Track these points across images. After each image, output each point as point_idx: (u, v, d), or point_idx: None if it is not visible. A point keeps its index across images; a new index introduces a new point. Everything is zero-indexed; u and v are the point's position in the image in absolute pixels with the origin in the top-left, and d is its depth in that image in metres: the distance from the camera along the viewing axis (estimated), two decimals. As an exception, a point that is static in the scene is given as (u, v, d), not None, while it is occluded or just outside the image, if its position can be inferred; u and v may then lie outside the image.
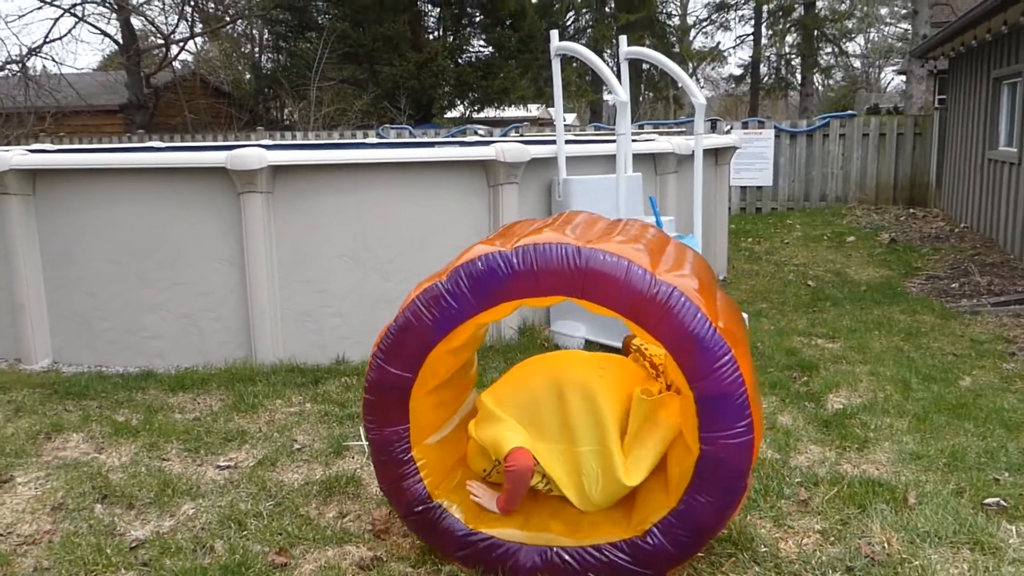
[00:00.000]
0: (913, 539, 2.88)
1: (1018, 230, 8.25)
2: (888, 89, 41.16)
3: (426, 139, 13.74)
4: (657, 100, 33.37)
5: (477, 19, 24.62)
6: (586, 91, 28.05)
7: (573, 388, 2.77)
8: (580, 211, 2.91)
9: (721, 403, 2.39)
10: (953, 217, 11.29)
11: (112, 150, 7.16)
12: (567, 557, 2.67)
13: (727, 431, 2.40)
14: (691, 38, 31.69)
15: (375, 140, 12.44)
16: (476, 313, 2.56)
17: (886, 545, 2.85)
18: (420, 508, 2.78)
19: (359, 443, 3.85)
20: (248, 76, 25.44)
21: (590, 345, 5.31)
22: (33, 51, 20.37)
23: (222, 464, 3.67)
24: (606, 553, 2.63)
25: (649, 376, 2.95)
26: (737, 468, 2.43)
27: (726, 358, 2.37)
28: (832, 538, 2.93)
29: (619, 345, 5.06)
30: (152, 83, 22.71)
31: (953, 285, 7.40)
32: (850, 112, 15.36)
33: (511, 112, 28.06)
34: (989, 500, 3.14)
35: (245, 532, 3.06)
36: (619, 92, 5.22)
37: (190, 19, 23.23)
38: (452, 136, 14.80)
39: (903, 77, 18.70)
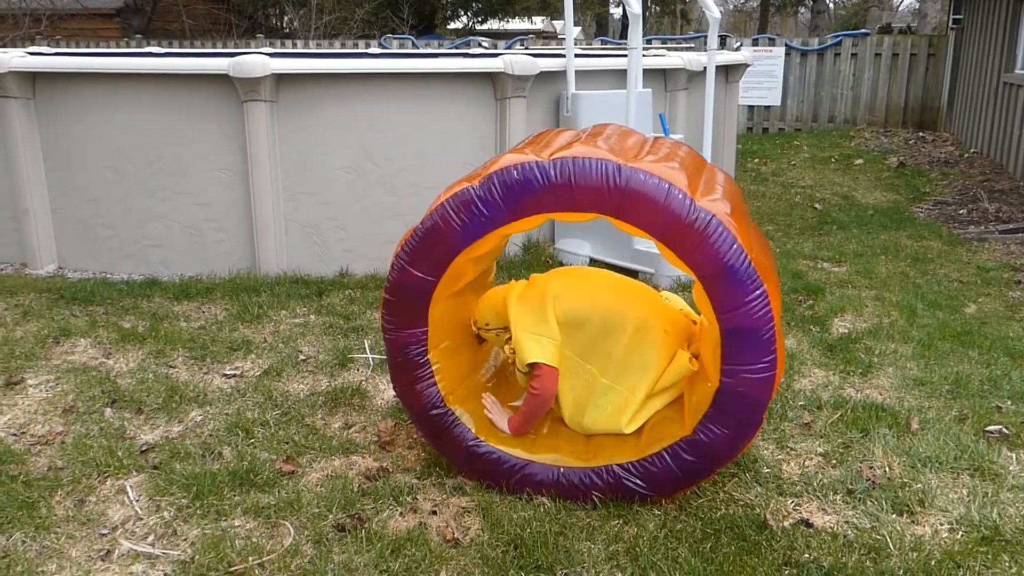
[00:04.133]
0: (914, 464, 2.92)
1: (1030, 157, 8.14)
2: (901, 8, 40.07)
3: (429, 50, 13.41)
4: (664, 14, 32.49)
5: (482, -76, 23.76)
6: (593, 4, 27.27)
7: (637, 329, 2.74)
8: (609, 124, 2.82)
9: (748, 337, 2.36)
10: (963, 142, 11.13)
11: (112, 54, 6.98)
12: (573, 478, 2.70)
13: (751, 365, 2.39)
14: (703, -51, 30.62)
15: (378, 50, 12.14)
16: (506, 223, 2.49)
17: (887, 469, 2.89)
18: (433, 412, 2.77)
19: (364, 356, 3.86)
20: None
21: (594, 263, 5.29)
22: (26, -51, 19.67)
23: (228, 373, 3.70)
24: (614, 474, 2.67)
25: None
26: (756, 402, 2.44)
27: (758, 292, 2.33)
28: (834, 461, 2.97)
29: (624, 264, 5.05)
30: (150, -15, 22.01)
31: (961, 211, 7.35)
32: (863, 31, 14.98)
33: (515, 24, 27.38)
34: (991, 427, 3.18)
35: (252, 440, 3.10)
36: (632, 4, 5.05)
37: (186, -83, 22.35)
38: (456, 48, 14.45)
39: (920, -4, 18.17)
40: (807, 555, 2.45)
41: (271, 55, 5.10)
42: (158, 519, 2.61)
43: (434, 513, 2.68)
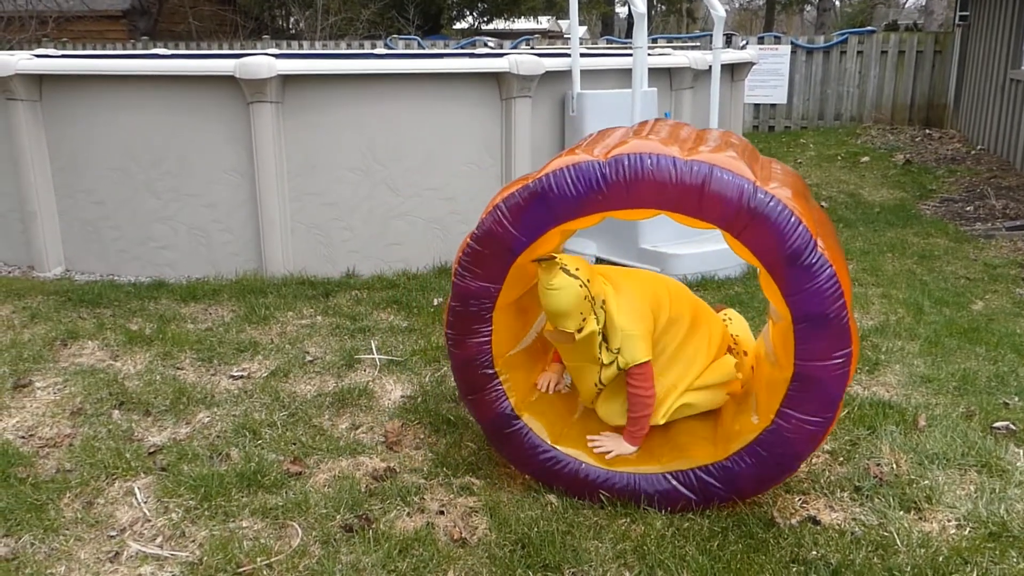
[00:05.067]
0: (921, 460, 2.91)
1: (1037, 154, 8.10)
2: (907, 5, 39.93)
3: (435, 51, 13.42)
4: (670, 13, 32.45)
5: (487, -75, 23.76)
6: (598, 3, 27.23)
7: (691, 325, 2.79)
8: (659, 119, 2.81)
9: (819, 389, 2.33)
10: (970, 139, 11.09)
11: (118, 57, 7.01)
12: (591, 473, 2.70)
13: (810, 416, 2.37)
14: (708, -52, 30.58)
15: (383, 51, 12.16)
16: (621, 208, 2.43)
17: (894, 466, 2.89)
18: (479, 370, 2.72)
19: (371, 356, 3.87)
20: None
21: (601, 263, 5.28)
22: (32, -48, 19.74)
23: (235, 374, 3.71)
24: (632, 479, 2.67)
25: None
26: (800, 452, 2.44)
27: (844, 351, 2.30)
28: (841, 458, 2.96)
29: (629, 264, 5.05)
30: (155, -13, 22.09)
31: (968, 208, 7.32)
32: (869, 28, 14.93)
33: (520, 24, 27.38)
34: (998, 424, 3.17)
35: (260, 441, 3.11)
36: (637, 3, 5.05)
37: (192, -80, 22.42)
38: (461, 48, 14.46)
39: (926, -8, 18.11)
40: (815, 552, 2.44)
41: (277, 56, 5.12)
42: (166, 521, 2.62)
43: (441, 513, 2.68)
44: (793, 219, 2.28)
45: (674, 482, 2.63)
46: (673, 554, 2.43)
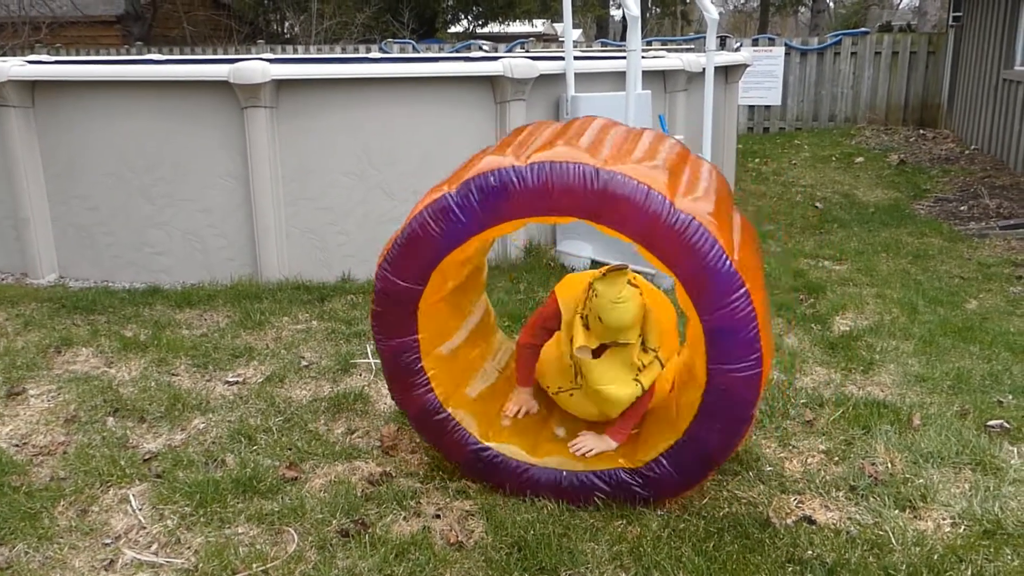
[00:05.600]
0: (916, 459, 2.92)
1: (1030, 153, 8.13)
2: (901, 6, 40.04)
3: (430, 54, 13.43)
4: (664, 16, 32.50)
5: (481, -72, 23.77)
6: (593, 6, 27.28)
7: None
8: (593, 117, 2.81)
9: (731, 337, 2.36)
10: (963, 139, 11.11)
11: (111, 62, 7.01)
12: (575, 480, 2.71)
13: (736, 364, 2.39)
14: (702, -50, 30.61)
15: (378, 55, 12.16)
16: (485, 229, 2.51)
17: (889, 465, 2.89)
18: (431, 418, 2.78)
19: (367, 360, 3.87)
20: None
21: (596, 265, 5.29)
22: (25, -42, 19.73)
23: (231, 380, 3.70)
24: (614, 477, 2.67)
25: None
26: (744, 400, 2.44)
27: (740, 292, 2.33)
28: (836, 458, 2.97)
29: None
30: (149, -7, 22.08)
31: (962, 208, 7.34)
32: (863, 30, 14.96)
33: (516, 28, 27.40)
34: (992, 422, 3.18)
35: (255, 447, 3.11)
36: (630, 6, 5.07)
37: (185, -75, 22.42)
38: (456, 52, 14.46)
39: (919, -7, 18.16)
40: (810, 552, 2.44)
41: (271, 61, 5.12)
42: (161, 528, 2.61)
43: (438, 517, 2.68)
44: (706, 235, 2.31)
45: (651, 474, 2.64)
46: (669, 555, 2.43)
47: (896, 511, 2.64)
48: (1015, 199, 7.50)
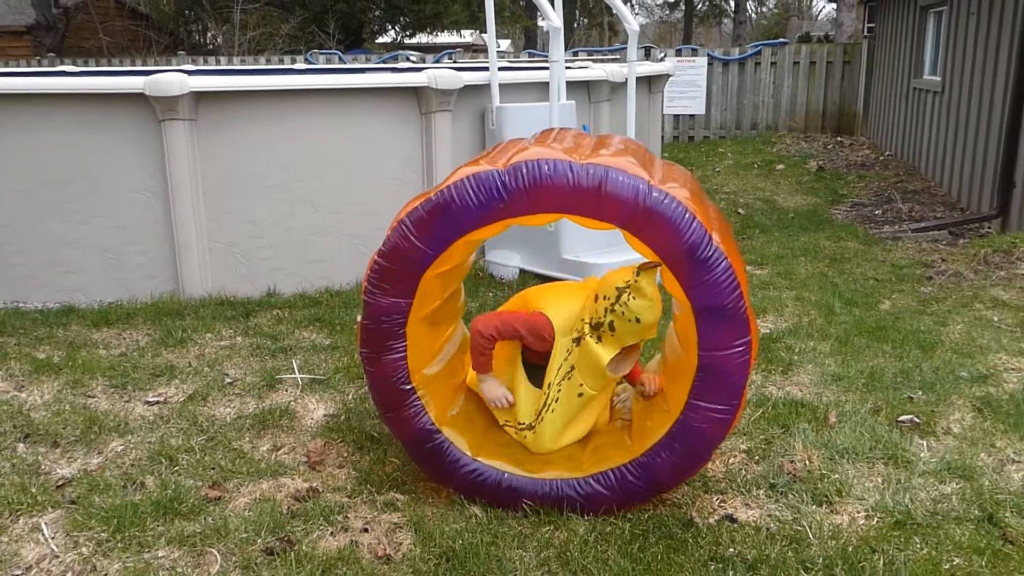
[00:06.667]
0: (832, 456, 3.01)
1: (939, 158, 8.49)
2: (820, 17, 41.42)
3: (357, 65, 13.35)
4: (592, 27, 32.99)
5: (408, -61, 23.75)
6: (520, 16, 27.52)
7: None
8: (561, 128, 2.86)
9: (722, 379, 2.43)
10: (878, 145, 11.55)
11: (21, 74, 6.77)
12: (513, 483, 2.72)
13: (717, 405, 2.46)
14: (626, -38, 31.20)
15: (304, 66, 12.03)
16: (523, 214, 2.48)
17: (807, 462, 2.98)
18: (396, 387, 2.71)
19: (292, 376, 3.81)
20: (167, -4, 24.18)
21: (524, 275, 5.33)
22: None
23: (151, 400, 3.61)
24: (555, 486, 2.69)
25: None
26: (711, 440, 2.51)
27: (743, 339, 2.39)
28: (757, 457, 3.04)
29: (552, 275, 5.10)
30: (62, 2, 21.39)
31: (877, 212, 7.62)
32: (782, 40, 15.45)
33: (444, 38, 27.43)
34: (903, 417, 3.30)
35: (177, 467, 3.03)
36: (552, 18, 5.13)
37: (101, -66, 21.84)
38: (383, 62, 14.41)
39: (834, 5, 18.81)
40: (732, 549, 2.50)
41: (191, 72, 5.02)
42: (76, 556, 2.52)
43: (365, 531, 2.66)
44: (688, 215, 2.37)
45: (596, 485, 2.66)
46: (596, 559, 2.46)
47: (813, 506, 2.72)
48: (925, 203, 7.83)
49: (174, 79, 4.62)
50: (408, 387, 2.72)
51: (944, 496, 2.77)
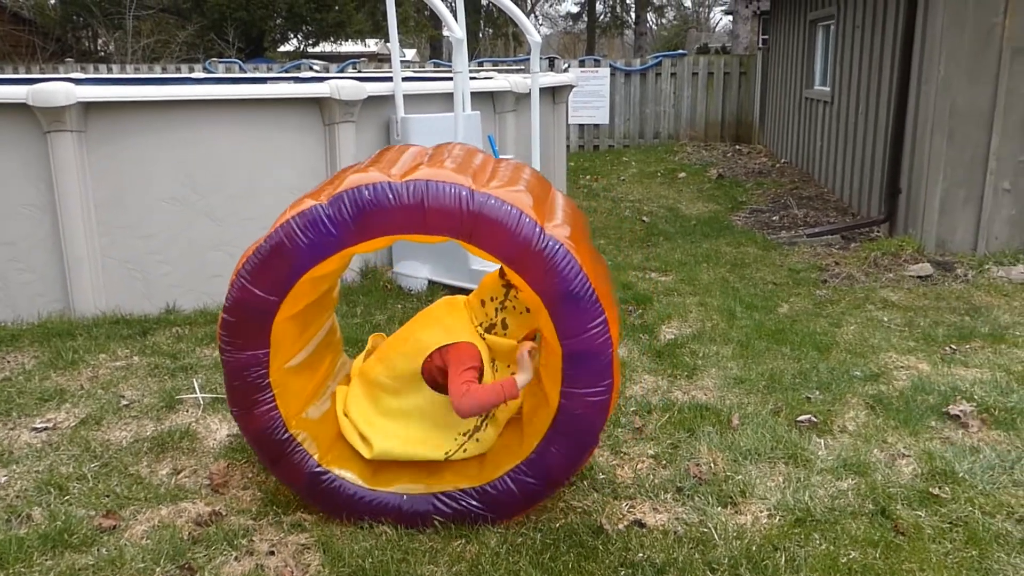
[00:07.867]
0: (736, 458, 3.09)
1: (830, 165, 8.87)
2: (717, 29, 42.82)
3: (258, 74, 13.05)
4: (497, 37, 33.20)
5: (309, -53, 23.42)
6: (425, 26, 27.49)
7: None
8: (457, 143, 2.82)
9: (588, 362, 2.43)
10: (775, 153, 12.00)
11: None
12: (415, 504, 2.69)
13: (589, 389, 2.46)
14: (529, -26, 31.58)
15: (202, 75, 11.69)
16: (355, 243, 2.44)
17: (712, 465, 3.05)
18: (272, 438, 2.66)
19: (193, 396, 3.68)
20: (53, 0, 23.16)
21: (433, 286, 5.29)
22: None
23: (38, 426, 3.42)
24: (456, 499, 2.67)
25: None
26: (593, 425, 2.51)
27: (599, 320, 2.40)
28: (664, 461, 3.10)
29: (460, 285, 5.09)
30: (-62, 6, 20.24)
31: (774, 218, 7.90)
32: (681, 51, 15.88)
33: (348, 47, 27.15)
34: (802, 417, 3.42)
35: (67, 497, 2.88)
36: (454, 29, 5.13)
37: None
38: (286, 72, 14.15)
39: (730, 17, 19.48)
40: (641, 554, 2.54)
41: (80, 81, 4.80)
42: (-44, 594, 2.37)
43: (272, 553, 2.58)
44: (515, 212, 2.38)
45: (493, 492, 2.65)
46: (507, 570, 2.45)
47: (719, 508, 2.78)
48: (819, 208, 8.16)
49: (59, 89, 4.41)
50: (286, 436, 2.68)
51: (841, 492, 2.88)
